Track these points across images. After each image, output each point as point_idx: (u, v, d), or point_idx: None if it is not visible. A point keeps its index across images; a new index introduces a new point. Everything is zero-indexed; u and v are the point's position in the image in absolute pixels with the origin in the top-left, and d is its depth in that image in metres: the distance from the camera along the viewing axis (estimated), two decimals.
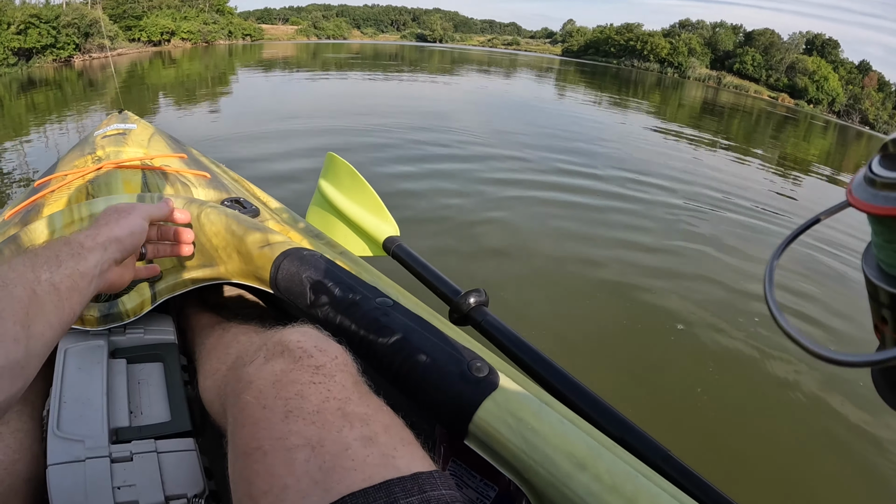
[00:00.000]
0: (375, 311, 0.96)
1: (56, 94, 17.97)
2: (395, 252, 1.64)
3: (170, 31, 50.74)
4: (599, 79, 28.81)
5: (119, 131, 2.38)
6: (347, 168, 2.02)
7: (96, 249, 0.85)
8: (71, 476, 0.91)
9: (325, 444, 0.58)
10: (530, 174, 6.67)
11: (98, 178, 1.75)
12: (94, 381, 1.10)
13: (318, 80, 18.66)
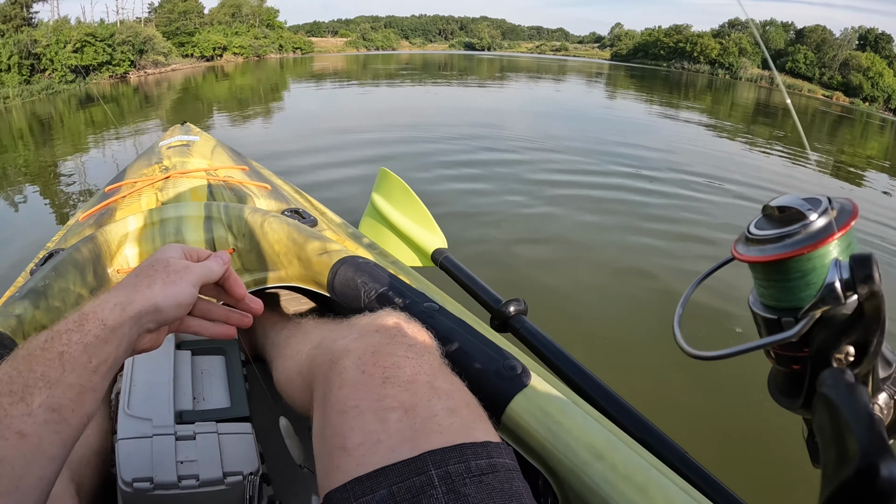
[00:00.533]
0: (422, 314, 1.02)
1: (113, 109, 18.35)
2: (442, 263, 1.76)
3: (222, 47, 51.71)
4: (650, 82, 28.23)
5: (183, 142, 2.57)
6: (399, 182, 2.15)
7: (124, 326, 0.64)
8: (138, 450, 1.04)
9: (417, 409, 0.68)
10: (582, 177, 6.57)
11: (166, 186, 1.90)
12: (161, 368, 1.23)
13: (368, 90, 18.77)
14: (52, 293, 1.24)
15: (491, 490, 0.63)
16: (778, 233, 0.46)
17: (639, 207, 5.54)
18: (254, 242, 1.53)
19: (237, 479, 1.05)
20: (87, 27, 38.38)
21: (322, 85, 21.30)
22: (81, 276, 1.34)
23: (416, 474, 0.62)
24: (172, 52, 45.09)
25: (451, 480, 0.62)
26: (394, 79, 23.23)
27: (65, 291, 1.27)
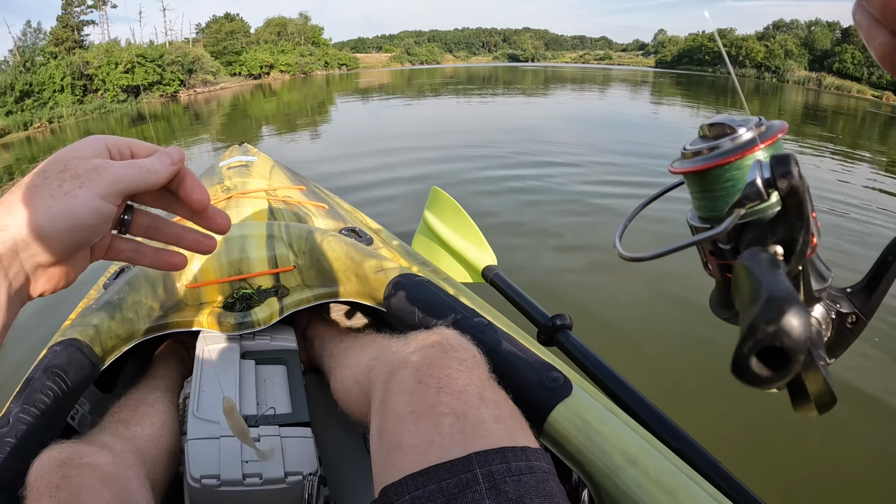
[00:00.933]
0: (473, 328, 1.09)
1: (164, 127, 18.63)
2: (492, 279, 1.82)
3: (269, 65, 52.69)
4: (695, 89, 27.64)
5: (242, 163, 2.69)
6: (450, 202, 2.23)
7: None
8: (206, 450, 1.14)
9: (467, 415, 0.75)
10: (631, 189, 6.32)
11: (229, 206, 2.01)
12: (228, 376, 1.34)
13: (414, 105, 18.68)
14: (126, 305, 1.38)
15: (528, 488, 0.69)
16: (708, 146, 0.48)
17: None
18: (314, 260, 1.63)
19: (297, 478, 1.15)
20: (138, 48, 39.37)
21: (368, 100, 21.36)
22: (153, 290, 1.48)
23: (464, 472, 0.70)
24: (221, 70, 46.02)
25: (494, 478, 0.69)
26: (439, 92, 23.21)
27: (137, 304, 1.41)
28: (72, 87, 34.46)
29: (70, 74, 34.74)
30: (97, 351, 1.24)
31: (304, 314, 1.70)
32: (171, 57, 39.52)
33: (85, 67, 35.59)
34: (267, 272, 1.65)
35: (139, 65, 36.53)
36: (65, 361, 1.15)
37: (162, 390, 1.35)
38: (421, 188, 6.06)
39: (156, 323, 1.44)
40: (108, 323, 1.31)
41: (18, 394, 1.07)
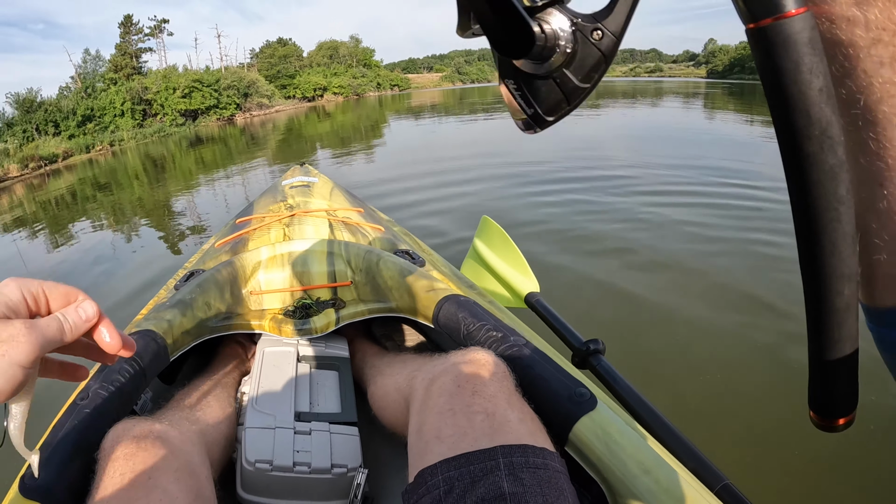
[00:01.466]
0: (512, 347, 1.21)
1: (221, 149, 18.97)
2: (534, 305, 1.95)
3: (322, 87, 53.65)
4: (748, 98, 26.72)
5: (304, 183, 2.90)
6: (499, 231, 2.40)
7: None
8: (262, 438, 1.27)
9: (496, 415, 0.90)
10: (683, 208, 6.00)
11: (292, 222, 2.16)
12: (285, 375, 1.49)
13: (466, 123, 18.60)
14: (197, 305, 1.53)
15: (541, 480, 0.82)
16: None
17: (746, 243, 5.00)
18: (369, 277, 1.76)
19: (342, 470, 1.26)
20: (194, 74, 40.40)
21: (421, 120, 21.38)
22: (221, 293, 1.63)
23: (489, 460, 0.83)
24: (275, 94, 46.99)
25: (513, 467, 0.82)
26: (490, 111, 23.15)
27: (207, 305, 1.56)
28: (132, 111, 35.50)
29: (130, 99, 35.77)
30: (169, 342, 1.38)
31: (352, 329, 1.84)
32: (227, 81, 40.46)
33: (144, 93, 36.61)
34: (326, 285, 1.82)
35: (196, 89, 37.46)
36: (141, 348, 1.28)
37: (222, 384, 1.49)
38: (471, 211, 6.04)
39: (221, 323, 1.59)
40: (180, 319, 1.45)
41: (98, 373, 1.18)
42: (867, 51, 0.32)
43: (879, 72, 0.32)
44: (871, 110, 0.33)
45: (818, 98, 0.32)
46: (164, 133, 32.52)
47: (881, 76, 0.32)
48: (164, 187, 11.37)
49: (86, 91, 38.09)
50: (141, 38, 44.66)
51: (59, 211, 11.10)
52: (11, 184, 19.78)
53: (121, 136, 30.90)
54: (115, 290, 4.90)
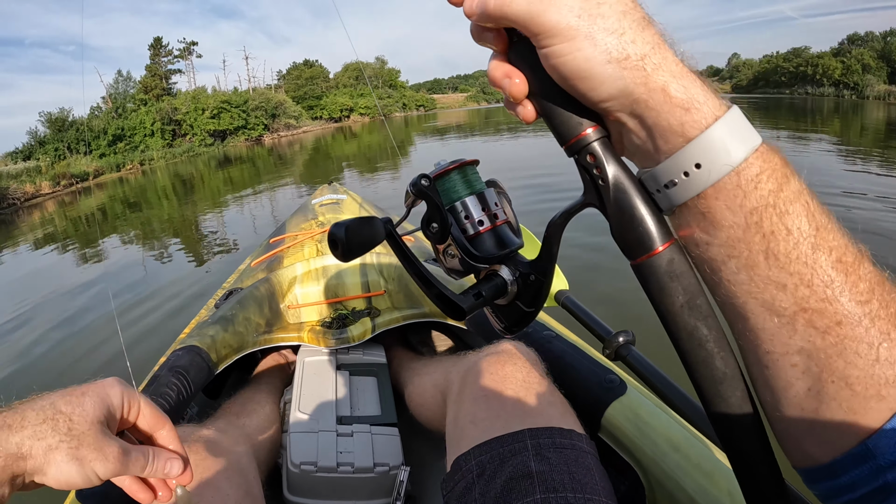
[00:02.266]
0: (542, 339, 1.30)
1: (249, 168, 19.14)
2: (564, 302, 1.95)
3: (348, 108, 53.97)
4: (774, 113, 26.24)
5: (333, 200, 3.02)
6: (525, 232, 2.21)
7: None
8: (306, 441, 1.34)
9: (527, 399, 0.97)
10: None
11: (324, 238, 2.27)
12: (325, 383, 1.56)
13: (493, 141, 18.60)
14: (238, 321, 1.60)
15: (566, 459, 0.86)
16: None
17: None
18: (402, 285, 1.85)
19: (384, 469, 1.32)
20: (223, 95, 40.94)
21: (447, 139, 21.47)
22: (260, 309, 1.71)
23: (517, 442, 0.89)
24: (303, 115, 47.42)
25: (540, 448, 0.88)
26: (516, 129, 23.14)
27: (247, 320, 1.63)
28: (161, 131, 36.03)
29: (160, 120, 36.30)
30: (213, 357, 1.44)
31: (388, 337, 1.87)
32: (255, 102, 40.92)
33: (173, 113, 37.11)
34: (360, 296, 1.91)
35: (225, 110, 37.92)
36: (187, 363, 1.34)
37: (265, 393, 1.57)
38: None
39: (262, 336, 1.66)
40: (223, 335, 1.52)
41: (146, 387, 1.25)
42: (724, 263, 0.40)
43: (737, 278, 0.40)
44: (738, 307, 0.41)
45: (681, 311, 0.43)
46: (194, 153, 32.94)
47: (739, 280, 0.40)
48: (194, 206, 11.48)
49: (116, 111, 38.76)
50: (170, 60, 45.51)
51: (90, 228, 11.23)
52: (43, 200, 20.14)
53: (151, 156, 31.38)
54: (147, 310, 4.94)
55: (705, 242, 0.42)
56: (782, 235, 0.39)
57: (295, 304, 1.88)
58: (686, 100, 0.40)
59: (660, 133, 0.41)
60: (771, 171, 0.39)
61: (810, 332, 0.38)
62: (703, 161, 0.39)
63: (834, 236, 0.39)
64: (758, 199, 0.39)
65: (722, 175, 0.39)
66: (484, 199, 0.62)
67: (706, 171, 0.40)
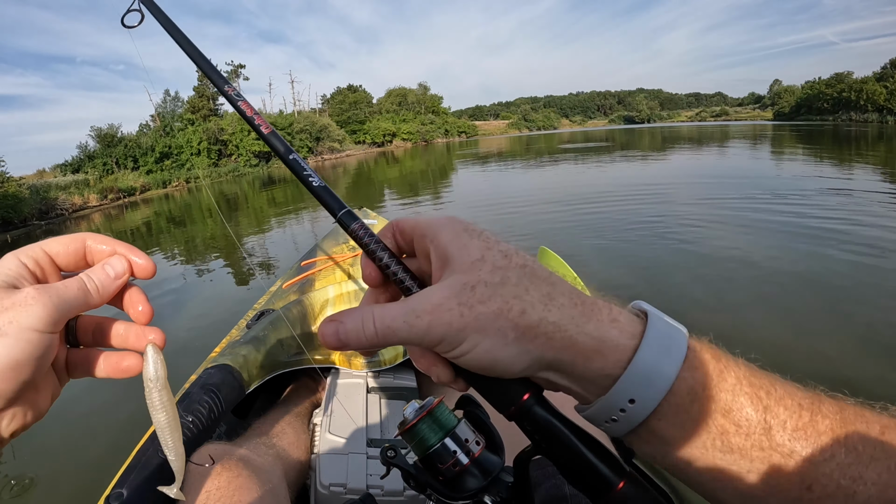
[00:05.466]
0: None
1: (293, 190, 19.29)
2: None
3: (391, 133, 54.47)
4: (816, 141, 25.40)
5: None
6: (557, 260, 2.42)
7: None
8: (335, 462, 1.35)
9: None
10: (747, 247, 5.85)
11: (355, 262, 2.33)
12: (355, 405, 1.56)
13: (533, 170, 18.54)
14: (270, 341, 1.62)
15: None
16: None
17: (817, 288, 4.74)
18: None
19: (413, 493, 1.28)
20: (268, 117, 41.27)
21: (488, 166, 21.43)
22: (292, 330, 1.71)
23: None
24: (346, 139, 47.91)
25: None
26: (557, 157, 23.08)
27: (279, 342, 1.64)
28: (208, 150, 36.70)
29: (206, 139, 36.97)
30: (245, 377, 1.45)
31: None
32: (300, 125, 41.51)
33: (220, 133, 37.75)
34: None
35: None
36: (219, 381, 1.35)
37: (295, 414, 1.58)
38: (538, 240, 6.09)
39: (293, 358, 1.68)
40: (255, 354, 1.53)
41: (180, 401, 1.25)
42: (687, 466, 0.43)
43: (701, 477, 0.43)
44: (709, 495, 0.44)
45: None
46: (238, 172, 33.47)
47: (704, 479, 0.43)
48: (237, 224, 11.60)
49: (164, 129, 39.55)
50: None
51: (135, 241, 11.39)
52: (91, 212, 20.61)
53: (196, 174, 31.88)
54: (185, 326, 5.01)
55: (661, 454, 0.43)
56: (732, 431, 0.39)
57: None
58: (598, 344, 0.41)
59: (585, 382, 0.42)
60: (704, 376, 0.40)
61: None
62: (635, 395, 0.40)
63: (784, 406, 0.40)
64: (699, 409, 0.40)
65: (658, 402, 0.40)
66: (457, 437, 0.58)
67: (640, 405, 0.40)
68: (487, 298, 0.41)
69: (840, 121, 53.29)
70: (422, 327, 0.41)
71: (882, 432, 0.39)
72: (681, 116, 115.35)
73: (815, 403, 0.40)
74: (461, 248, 0.43)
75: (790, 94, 72.73)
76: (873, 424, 0.40)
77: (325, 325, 0.45)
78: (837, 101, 57.42)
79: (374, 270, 0.48)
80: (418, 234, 0.47)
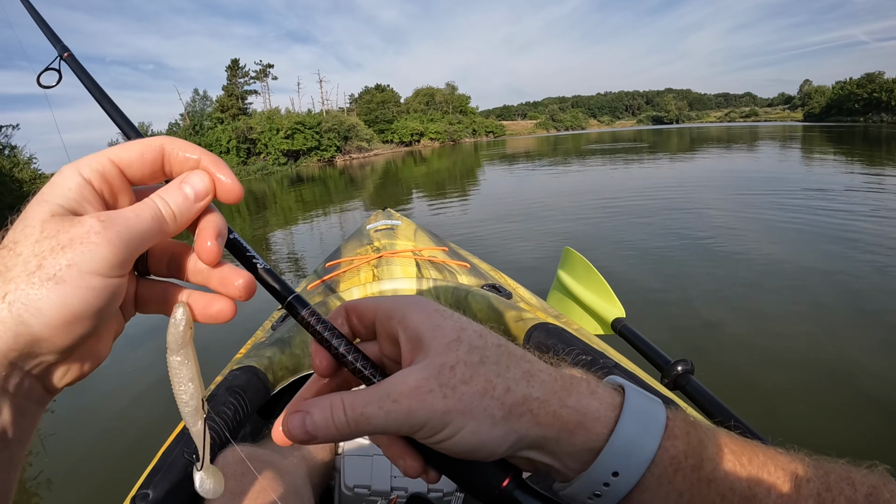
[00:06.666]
0: (602, 368, 1.22)
1: (321, 188, 19.40)
2: (620, 331, 1.95)
3: (419, 133, 54.58)
4: (847, 142, 24.57)
5: (387, 226, 3.02)
6: (581, 260, 2.41)
7: None
8: (360, 464, 1.35)
9: None
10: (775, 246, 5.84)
11: (380, 263, 2.26)
12: None
13: (561, 171, 18.36)
14: (295, 343, 1.59)
15: None
16: None
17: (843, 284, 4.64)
18: (459, 311, 1.65)
19: (438, 494, 1.30)
20: (297, 116, 41.91)
21: (515, 166, 21.35)
22: None
23: None
24: (374, 138, 48.08)
25: None
26: (584, 158, 22.93)
27: (304, 343, 1.60)
28: (237, 149, 36.98)
29: (235, 138, 37.28)
30: (270, 378, 1.44)
31: None
32: (328, 124, 41.72)
33: (249, 132, 38.04)
34: None
35: (298, 131, 38.78)
36: (244, 383, 1.34)
37: None
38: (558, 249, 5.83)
39: None
40: (280, 356, 1.52)
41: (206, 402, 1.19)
42: None
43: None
44: None
45: None
46: (267, 171, 33.75)
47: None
48: (265, 222, 11.69)
49: (194, 128, 39.97)
50: (247, 81, 46.79)
51: None
52: None
53: None
54: (211, 327, 4.90)
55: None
56: (717, 502, 0.39)
57: None
58: (580, 417, 0.40)
59: (567, 457, 0.42)
60: (685, 444, 0.40)
61: None
62: (618, 468, 0.40)
63: (767, 472, 0.39)
64: (682, 481, 0.40)
65: (642, 473, 0.40)
66: None
67: (624, 477, 0.40)
68: (469, 378, 0.39)
69: (871, 122, 52.62)
70: (401, 412, 0.39)
71: (869, 495, 0.38)
72: (710, 117, 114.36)
73: (798, 468, 0.40)
74: (435, 329, 0.41)
75: (820, 94, 71.81)
76: (861, 486, 0.39)
77: (291, 417, 0.41)
78: (868, 101, 56.97)
79: (326, 359, 0.44)
80: (383, 316, 0.45)
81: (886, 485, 0.39)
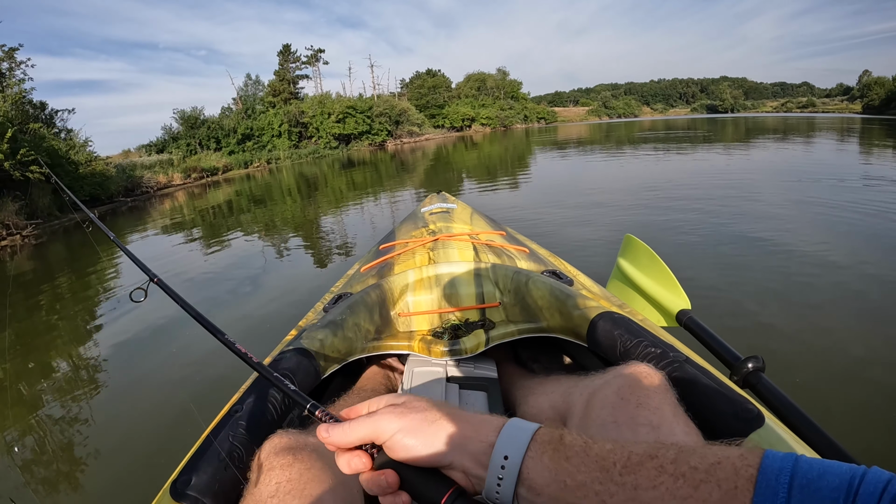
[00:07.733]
0: (672, 362, 1.17)
1: (372, 172, 19.38)
2: (686, 323, 1.84)
3: (470, 118, 54.56)
4: None
5: (443, 209, 3.05)
6: (644, 248, 2.31)
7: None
8: None
9: (662, 427, 0.90)
10: (839, 241, 5.47)
11: (436, 246, 2.24)
12: (433, 395, 1.46)
13: (613, 158, 17.94)
14: (347, 326, 1.56)
15: None
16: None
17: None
18: (518, 297, 1.73)
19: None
20: (348, 101, 42.16)
21: (567, 153, 21.02)
22: (370, 315, 1.67)
23: None
24: (425, 123, 48.15)
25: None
26: (638, 146, 22.47)
27: (356, 326, 1.59)
28: (288, 133, 37.41)
29: (287, 122, 37.63)
30: (321, 361, 1.40)
31: (499, 352, 1.79)
32: (379, 109, 41.91)
33: (300, 116, 38.37)
34: (474, 307, 1.81)
35: (350, 115, 39.03)
36: (295, 365, 1.31)
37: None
38: (615, 237, 5.99)
39: (371, 343, 1.62)
40: (332, 339, 1.48)
41: (251, 386, 1.22)
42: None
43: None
44: None
45: None
46: (318, 155, 33.98)
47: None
48: (316, 205, 11.68)
49: (246, 112, 40.41)
50: (298, 66, 47.12)
51: (216, 218, 11.59)
52: (174, 190, 21.24)
53: (277, 155, 32.67)
54: (263, 306, 5.00)
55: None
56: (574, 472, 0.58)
57: (406, 312, 1.83)
58: (479, 421, 0.65)
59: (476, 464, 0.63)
60: (549, 436, 0.61)
61: None
62: (508, 451, 0.60)
63: (621, 451, 0.58)
64: (549, 458, 0.59)
65: (525, 447, 0.60)
66: None
67: (514, 457, 0.59)
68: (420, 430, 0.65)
69: None
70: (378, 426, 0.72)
71: (678, 452, 0.55)
72: (766, 107, 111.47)
73: (654, 450, 0.56)
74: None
75: (880, 86, 68.74)
76: (701, 463, 0.53)
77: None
78: None
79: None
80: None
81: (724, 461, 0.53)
